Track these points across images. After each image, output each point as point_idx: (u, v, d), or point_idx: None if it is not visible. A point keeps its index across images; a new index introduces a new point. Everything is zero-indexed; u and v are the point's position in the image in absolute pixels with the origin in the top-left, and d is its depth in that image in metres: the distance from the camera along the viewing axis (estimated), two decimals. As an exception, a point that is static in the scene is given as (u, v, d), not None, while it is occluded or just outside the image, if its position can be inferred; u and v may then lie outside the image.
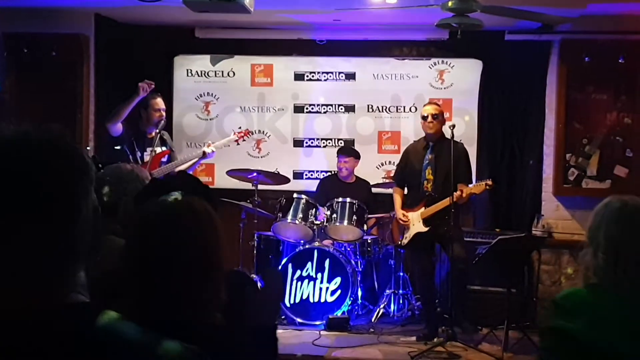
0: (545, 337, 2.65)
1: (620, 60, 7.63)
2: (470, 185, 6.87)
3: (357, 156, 8.12)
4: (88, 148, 7.99)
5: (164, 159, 7.16)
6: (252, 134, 7.90)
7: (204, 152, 7.27)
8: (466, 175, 7.00)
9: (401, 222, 7.10)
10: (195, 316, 1.85)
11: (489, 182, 6.77)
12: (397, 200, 7.23)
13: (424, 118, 7.06)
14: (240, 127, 7.86)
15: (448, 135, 6.94)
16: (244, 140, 7.78)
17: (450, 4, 4.87)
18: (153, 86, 7.02)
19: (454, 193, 6.60)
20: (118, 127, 7.04)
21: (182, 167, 7.14)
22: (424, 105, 7.26)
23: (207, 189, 2.15)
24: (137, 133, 7.11)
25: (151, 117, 7.12)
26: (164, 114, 7.22)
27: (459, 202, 6.70)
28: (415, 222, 6.99)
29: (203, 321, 1.85)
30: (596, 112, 7.84)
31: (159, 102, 7.19)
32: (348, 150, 8.24)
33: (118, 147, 7.01)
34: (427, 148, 7.12)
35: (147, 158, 6.99)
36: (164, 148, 7.19)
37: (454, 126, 6.99)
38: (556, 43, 7.95)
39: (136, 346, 1.23)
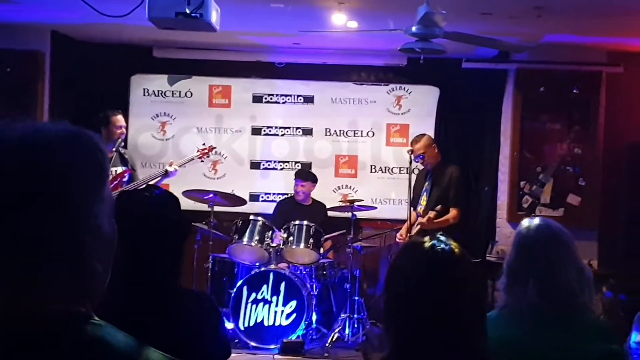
0: None
1: (574, 91, 7.77)
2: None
3: (314, 180, 8.11)
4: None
5: (125, 179, 7.08)
6: (215, 150, 7.82)
7: (167, 171, 7.22)
8: (456, 199, 7.20)
9: (397, 239, 7.37)
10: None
11: (437, 209, 6.98)
12: (407, 222, 7.43)
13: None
14: (204, 144, 7.79)
15: (406, 161, 7.05)
16: (208, 157, 7.72)
17: (414, 28, 4.91)
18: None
19: (419, 218, 6.80)
20: None
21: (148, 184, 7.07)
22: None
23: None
24: None
25: (112, 134, 7.05)
26: (125, 131, 7.17)
27: (425, 226, 6.87)
28: None
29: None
30: (550, 141, 7.96)
31: (120, 119, 7.16)
32: (306, 174, 8.23)
33: None
34: (427, 175, 7.39)
35: None
36: (124, 167, 7.12)
37: (411, 151, 7.12)
38: (512, 72, 8.07)
39: (121, 356, 1.21)
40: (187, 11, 3.66)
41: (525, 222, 2.78)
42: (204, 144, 7.74)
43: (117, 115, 7.13)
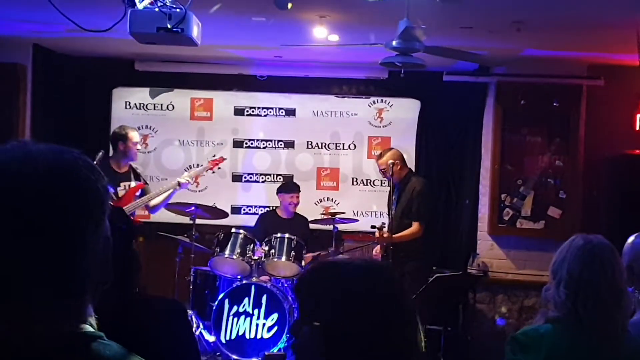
0: None
1: (554, 104, 7.83)
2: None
3: (299, 190, 8.11)
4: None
5: (138, 193, 7.09)
6: (225, 160, 7.82)
7: (179, 183, 7.22)
8: (418, 213, 7.18)
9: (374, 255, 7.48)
10: None
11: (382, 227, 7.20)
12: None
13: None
14: (214, 155, 7.81)
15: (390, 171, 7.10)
16: (219, 168, 7.72)
17: (394, 42, 4.94)
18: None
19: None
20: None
21: (158, 200, 7.16)
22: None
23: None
24: (106, 171, 7.00)
25: (129, 149, 7.07)
26: (140, 147, 7.20)
27: (386, 241, 7.05)
28: None
29: None
30: (530, 153, 8.01)
31: (137, 135, 7.23)
32: (293, 186, 8.15)
33: None
34: (394, 190, 7.37)
35: (121, 193, 6.98)
36: (137, 182, 7.14)
37: (393, 164, 7.18)
38: (492, 85, 8.13)
39: None
40: (169, 26, 3.67)
41: (580, 237, 2.76)
42: (214, 155, 7.82)
43: (134, 132, 7.18)
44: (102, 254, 1.29)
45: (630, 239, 3.06)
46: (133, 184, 7.12)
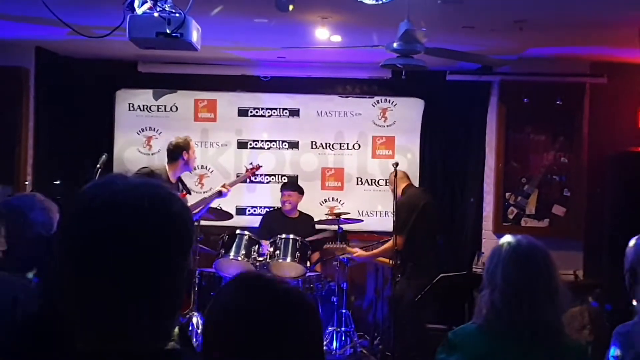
0: None
1: (558, 102, 7.82)
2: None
3: (300, 191, 8.13)
4: (26, 183, 7.84)
5: None
6: (261, 168, 7.89)
7: (220, 192, 7.29)
8: (396, 226, 7.16)
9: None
10: None
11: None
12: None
13: None
14: (251, 163, 7.83)
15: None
16: (255, 176, 7.73)
17: (395, 45, 4.93)
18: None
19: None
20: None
21: (199, 208, 7.22)
22: None
23: None
24: (165, 180, 7.05)
25: (191, 159, 7.07)
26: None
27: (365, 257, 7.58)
28: None
29: None
30: (534, 152, 8.01)
31: (194, 145, 7.21)
32: (291, 185, 8.27)
33: (57, 182, 6.92)
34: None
35: None
36: (183, 191, 7.18)
37: (397, 164, 7.20)
38: (496, 84, 8.12)
39: None
40: (168, 31, 3.67)
41: (510, 238, 2.76)
42: (251, 163, 7.85)
43: (192, 141, 7.16)
44: (186, 281, 1.45)
45: (632, 241, 3.04)
46: (178, 193, 7.15)
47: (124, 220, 1.34)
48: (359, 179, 8.78)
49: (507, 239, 2.76)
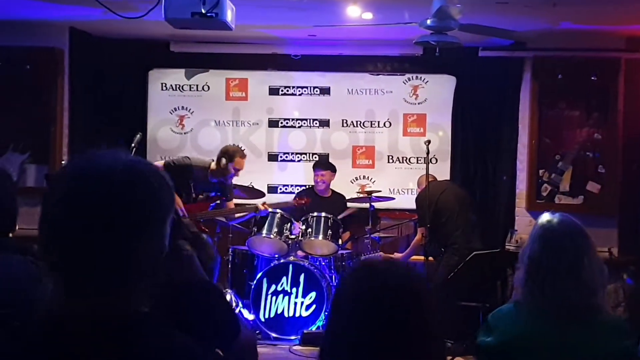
0: (475, 352, 2.79)
1: (592, 78, 7.73)
2: None
3: (333, 170, 8.14)
4: (63, 162, 7.93)
5: (213, 204, 7.30)
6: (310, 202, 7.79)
7: (257, 208, 7.40)
8: (417, 220, 7.60)
9: None
10: None
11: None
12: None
13: None
14: (299, 194, 7.92)
15: (424, 151, 7.18)
16: (302, 208, 7.71)
17: (428, 21, 4.91)
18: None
19: None
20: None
21: (236, 215, 7.52)
22: None
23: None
24: (202, 177, 7.17)
25: (227, 171, 7.14)
26: (239, 175, 7.33)
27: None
28: None
29: None
30: (568, 128, 7.93)
31: (243, 164, 7.25)
32: (324, 163, 8.27)
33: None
34: None
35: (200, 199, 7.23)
36: (219, 194, 7.31)
37: (429, 142, 7.19)
38: (529, 60, 8.03)
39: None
40: (203, 11, 3.69)
41: (547, 216, 2.75)
42: (299, 194, 7.87)
43: (243, 159, 7.23)
44: (158, 252, 1.50)
45: None
46: (212, 194, 7.25)
47: (93, 184, 1.43)
48: (390, 157, 8.77)
49: (544, 217, 2.75)
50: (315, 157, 8.71)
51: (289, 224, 7.59)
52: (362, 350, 1.68)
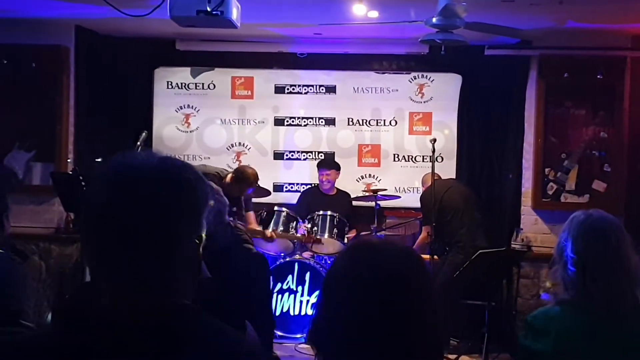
0: (519, 356, 2.69)
1: (598, 76, 7.71)
2: None
3: (338, 168, 8.14)
4: (68, 160, 7.95)
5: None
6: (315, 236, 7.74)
7: (264, 233, 7.46)
8: (422, 218, 7.75)
9: None
10: None
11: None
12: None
13: None
14: (310, 229, 7.72)
15: (430, 150, 7.21)
16: (310, 243, 7.68)
17: (434, 20, 4.90)
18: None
19: None
20: None
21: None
22: None
23: None
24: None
25: (237, 191, 7.13)
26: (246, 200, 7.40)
27: None
28: None
29: None
30: (574, 127, 7.91)
31: (250, 185, 7.26)
32: (329, 163, 8.27)
33: (99, 160, 6.99)
34: None
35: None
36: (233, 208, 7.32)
37: (434, 140, 7.18)
38: (535, 58, 8.01)
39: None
40: (208, 9, 3.69)
41: (582, 213, 2.71)
42: (310, 229, 7.71)
43: (252, 179, 7.23)
44: (196, 250, 1.53)
45: None
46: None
47: (134, 177, 1.47)
48: (396, 155, 8.76)
49: (578, 213, 2.72)
50: (321, 156, 8.71)
51: (294, 223, 7.60)
52: (353, 333, 1.63)
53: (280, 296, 7.39)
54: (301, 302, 7.39)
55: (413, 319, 1.65)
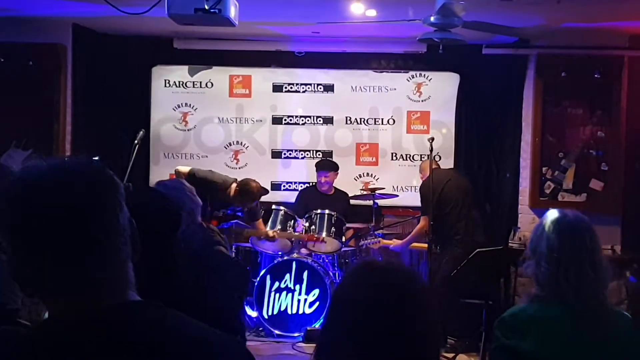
0: (496, 356, 2.64)
1: (596, 76, 7.72)
2: None
3: (336, 169, 8.14)
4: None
5: (228, 224, 7.41)
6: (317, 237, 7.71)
7: (268, 235, 7.44)
8: (421, 208, 7.54)
9: None
10: None
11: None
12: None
13: None
14: (311, 229, 7.68)
15: (427, 149, 7.18)
16: (312, 243, 7.66)
17: (432, 18, 4.90)
18: None
19: None
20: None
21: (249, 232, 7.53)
22: None
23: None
24: (220, 195, 7.17)
25: (236, 203, 7.20)
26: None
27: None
28: None
29: None
30: (572, 126, 7.92)
31: (255, 199, 7.24)
32: (327, 165, 8.21)
33: (96, 158, 6.97)
34: None
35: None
36: (238, 214, 7.43)
37: (432, 139, 7.18)
38: (533, 57, 8.02)
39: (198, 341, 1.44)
40: (206, 7, 3.69)
41: (557, 212, 2.72)
42: (312, 231, 7.68)
43: (253, 195, 7.20)
44: (130, 232, 1.48)
45: None
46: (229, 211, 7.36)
47: (63, 186, 1.44)
48: (394, 154, 8.76)
49: (553, 211, 2.73)
50: (319, 155, 8.70)
51: (292, 221, 7.60)
52: (359, 350, 1.68)
53: (277, 295, 7.39)
54: (299, 300, 7.39)
55: (418, 340, 1.70)
